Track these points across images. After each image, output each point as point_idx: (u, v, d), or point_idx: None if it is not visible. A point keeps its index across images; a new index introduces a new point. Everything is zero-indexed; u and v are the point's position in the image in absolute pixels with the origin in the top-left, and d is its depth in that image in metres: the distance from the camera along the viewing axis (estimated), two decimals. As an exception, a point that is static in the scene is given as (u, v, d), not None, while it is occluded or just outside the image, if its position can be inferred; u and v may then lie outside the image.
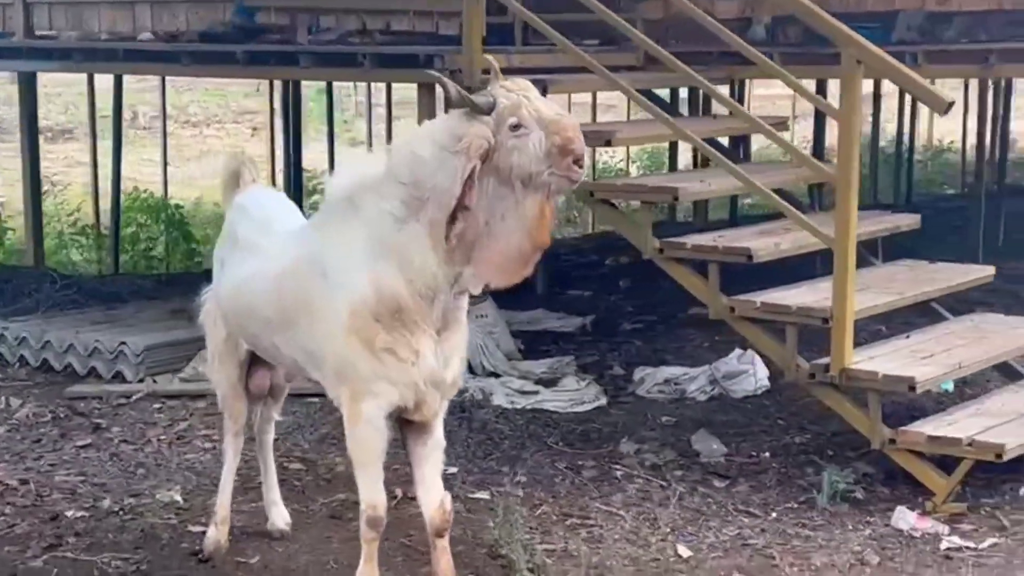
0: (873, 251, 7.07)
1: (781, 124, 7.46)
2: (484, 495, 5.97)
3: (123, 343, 7.79)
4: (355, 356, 4.39)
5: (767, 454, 6.51)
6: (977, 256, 9.69)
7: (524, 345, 8.37)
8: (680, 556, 5.25)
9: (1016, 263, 9.79)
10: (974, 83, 13.34)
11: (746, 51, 6.00)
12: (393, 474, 5.22)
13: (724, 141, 7.42)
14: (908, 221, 6.89)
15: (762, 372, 7.63)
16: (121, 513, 5.71)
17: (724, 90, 8.51)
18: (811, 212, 7.07)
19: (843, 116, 5.70)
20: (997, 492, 5.86)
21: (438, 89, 4.50)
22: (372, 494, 4.57)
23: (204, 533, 5.45)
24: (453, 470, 6.25)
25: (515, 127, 4.11)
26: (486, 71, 6.67)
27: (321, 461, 6.41)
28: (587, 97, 14.75)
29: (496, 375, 7.76)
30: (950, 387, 6.79)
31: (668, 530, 5.45)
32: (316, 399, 7.34)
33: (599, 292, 10.33)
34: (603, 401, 7.37)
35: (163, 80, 12.79)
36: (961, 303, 7.37)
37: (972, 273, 6.88)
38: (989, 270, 6.99)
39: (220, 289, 5.02)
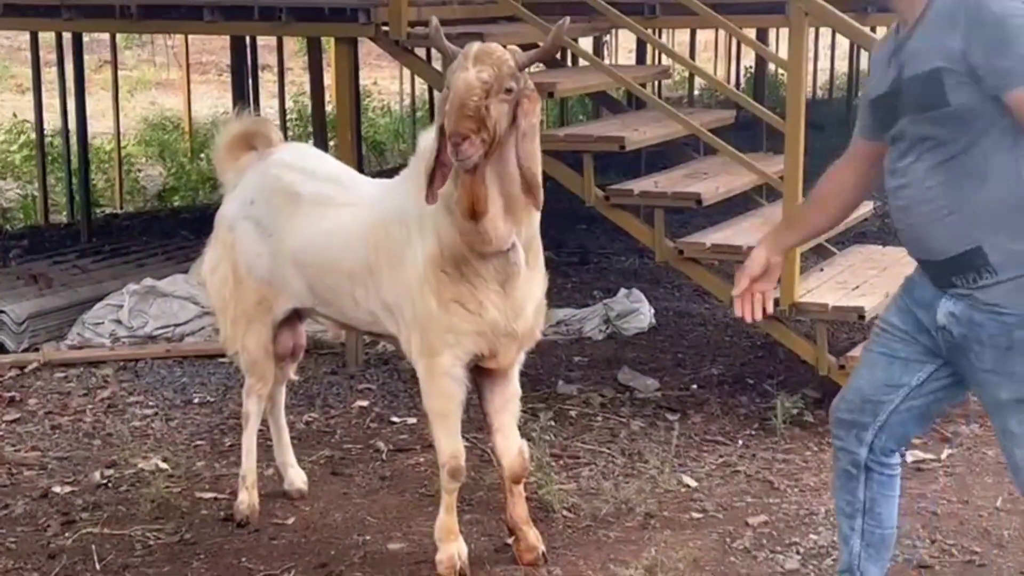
0: (759, 193, 7.55)
1: (663, 72, 7.80)
2: (464, 442, 6.07)
3: (2, 311, 7.39)
4: (429, 307, 4.48)
5: (695, 386, 6.89)
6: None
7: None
8: (689, 486, 5.55)
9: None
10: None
11: (689, 2, 6.27)
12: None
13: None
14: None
15: (649, 310, 8.01)
16: (112, 486, 5.53)
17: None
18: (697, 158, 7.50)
19: (790, 65, 6.08)
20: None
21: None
22: (452, 445, 4.69)
23: (217, 499, 5.38)
24: (413, 420, 6.35)
25: (447, 89, 4.20)
26: (414, 24, 6.79)
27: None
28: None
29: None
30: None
31: (659, 463, 5.72)
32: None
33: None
34: (510, 345, 7.55)
35: (34, 35, 11.50)
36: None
37: (859, 208, 7.41)
38: (869, 205, 7.56)
39: (280, 247, 4.91)
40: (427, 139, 4.55)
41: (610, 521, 5.16)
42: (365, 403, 6.62)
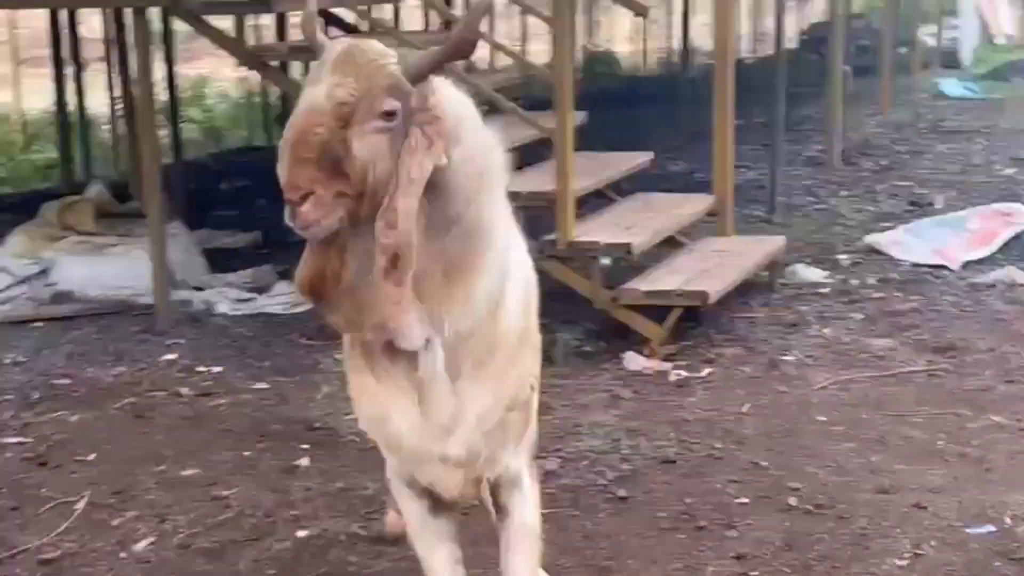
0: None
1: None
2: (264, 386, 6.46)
3: None
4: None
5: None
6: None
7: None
8: (471, 411, 6.00)
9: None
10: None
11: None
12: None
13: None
14: (579, 118, 7.85)
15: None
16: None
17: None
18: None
19: (556, 22, 6.58)
20: (691, 335, 6.97)
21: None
22: None
23: (22, 443, 5.69)
24: (219, 369, 6.70)
25: None
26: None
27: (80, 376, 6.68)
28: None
29: (200, 288, 8.12)
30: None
31: (445, 393, 6.15)
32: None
33: (243, 211, 10.60)
34: (318, 301, 7.91)
35: None
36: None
37: (637, 158, 7.97)
38: (649, 155, 8.12)
39: None
40: None
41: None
42: (173, 356, 6.94)
